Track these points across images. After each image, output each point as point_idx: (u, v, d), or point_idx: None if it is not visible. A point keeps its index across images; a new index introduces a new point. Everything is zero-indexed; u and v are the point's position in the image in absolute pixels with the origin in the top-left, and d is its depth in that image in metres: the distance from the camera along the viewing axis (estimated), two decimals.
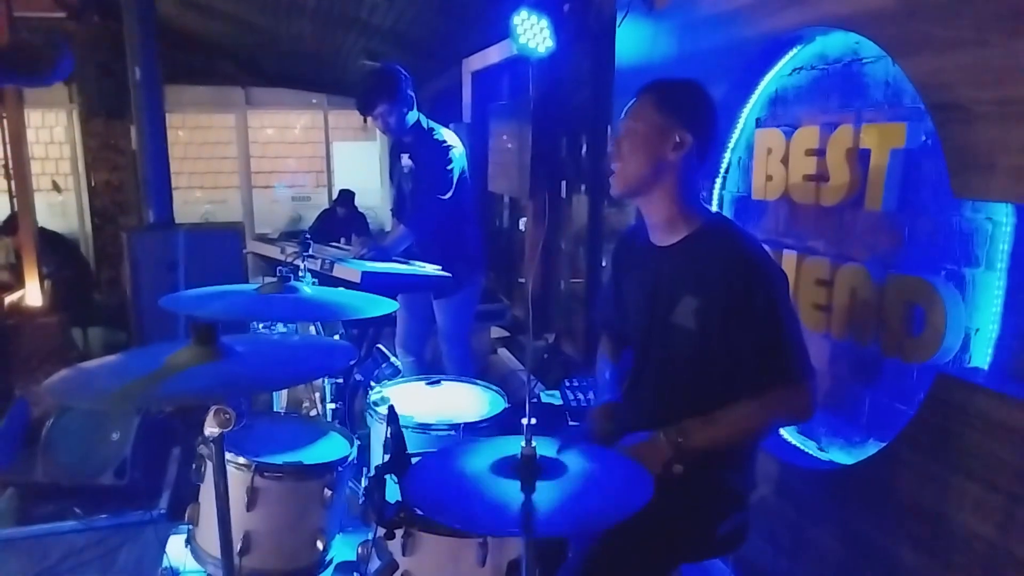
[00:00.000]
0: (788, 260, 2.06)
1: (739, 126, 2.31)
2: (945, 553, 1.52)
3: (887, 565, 1.66)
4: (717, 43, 2.33)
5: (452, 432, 2.02)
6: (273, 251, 3.19)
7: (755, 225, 2.22)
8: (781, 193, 2.09)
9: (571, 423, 2.23)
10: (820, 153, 1.94)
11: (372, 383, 2.31)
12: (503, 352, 4.50)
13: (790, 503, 1.97)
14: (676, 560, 1.60)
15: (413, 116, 3.12)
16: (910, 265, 1.70)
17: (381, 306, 1.95)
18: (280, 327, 2.46)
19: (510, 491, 1.19)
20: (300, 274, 2.38)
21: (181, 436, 3.36)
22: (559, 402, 2.33)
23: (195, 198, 9.61)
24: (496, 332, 4.83)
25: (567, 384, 2.41)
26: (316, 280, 2.37)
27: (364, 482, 1.83)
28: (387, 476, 1.42)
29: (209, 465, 1.54)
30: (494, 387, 2.33)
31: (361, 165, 9.58)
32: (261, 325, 2.45)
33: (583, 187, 4.14)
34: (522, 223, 5.01)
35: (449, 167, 3.09)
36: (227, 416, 1.17)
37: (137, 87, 4.44)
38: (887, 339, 1.75)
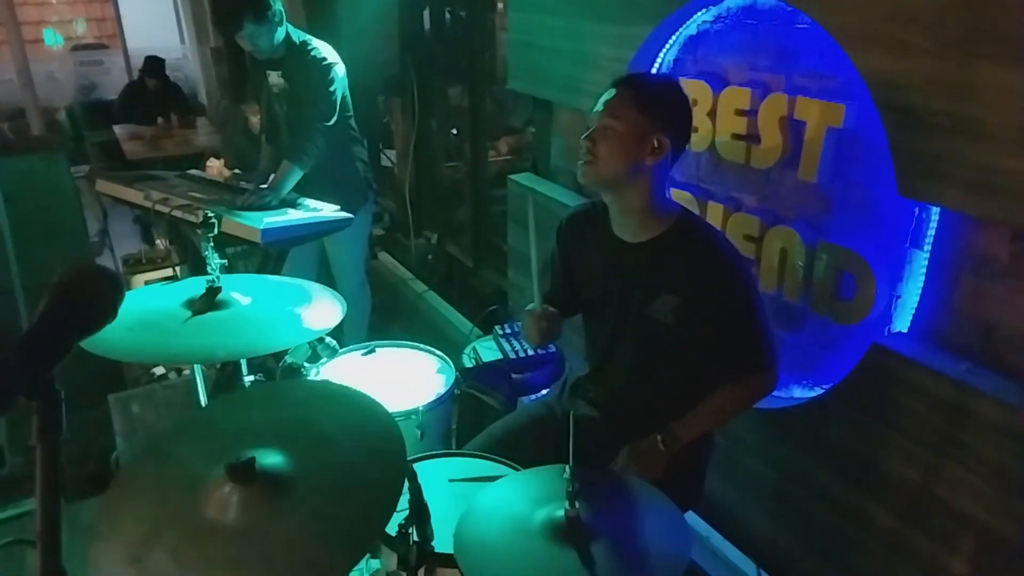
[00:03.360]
0: (714, 211, 2.15)
1: (656, 67, 2.28)
2: (875, 489, 1.80)
3: (820, 494, 1.95)
4: None
5: (412, 417, 2.03)
6: (133, 195, 2.81)
7: (676, 170, 2.26)
8: (708, 146, 2.13)
9: (514, 376, 2.30)
10: (751, 113, 1.98)
11: (305, 365, 2.20)
12: (384, 257, 4.38)
13: (722, 435, 2.20)
14: None
15: (283, 31, 2.77)
16: (842, 235, 1.84)
17: (334, 316, 1.84)
18: None
19: (557, 557, 1.26)
20: (205, 253, 2.11)
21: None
22: (497, 355, 2.37)
23: None
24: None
25: (501, 332, 2.44)
26: (225, 261, 2.14)
27: None
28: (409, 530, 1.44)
29: None
30: (433, 350, 2.32)
31: (156, 15, 8.33)
32: None
33: (455, 73, 3.95)
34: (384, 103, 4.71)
35: (331, 88, 2.81)
36: None
37: None
38: (817, 299, 1.92)
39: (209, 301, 1.81)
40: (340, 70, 2.85)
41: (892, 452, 1.74)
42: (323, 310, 1.90)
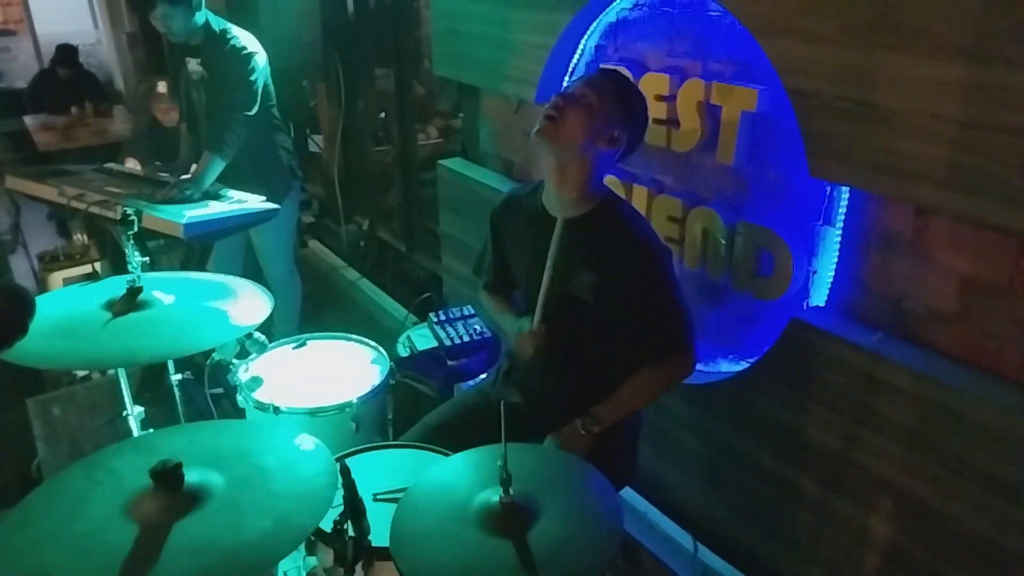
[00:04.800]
0: (639, 194, 2.19)
1: (579, 51, 2.30)
2: (800, 458, 1.88)
3: (748, 465, 2.02)
4: None
5: (347, 410, 2.02)
6: (47, 192, 2.70)
7: None
8: None
9: (449, 363, 2.30)
10: (670, 99, 2.02)
11: (234, 362, 2.16)
12: (315, 245, 4.31)
13: (653, 410, 2.26)
14: None
15: (202, 16, 2.69)
16: (759, 215, 1.90)
17: (260, 311, 1.81)
18: None
19: (493, 544, 1.28)
20: (126, 251, 2.03)
21: None
22: (433, 343, 2.37)
23: None
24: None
25: (435, 319, 2.43)
26: (147, 259, 2.07)
27: None
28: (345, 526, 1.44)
29: None
30: (367, 341, 2.31)
31: None
32: None
33: (381, 55, 3.89)
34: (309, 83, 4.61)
35: (252, 78, 2.75)
36: None
37: None
38: (738, 276, 1.99)
39: (130, 302, 1.77)
40: (261, 59, 2.78)
41: (814, 421, 1.82)
42: (249, 305, 1.88)
